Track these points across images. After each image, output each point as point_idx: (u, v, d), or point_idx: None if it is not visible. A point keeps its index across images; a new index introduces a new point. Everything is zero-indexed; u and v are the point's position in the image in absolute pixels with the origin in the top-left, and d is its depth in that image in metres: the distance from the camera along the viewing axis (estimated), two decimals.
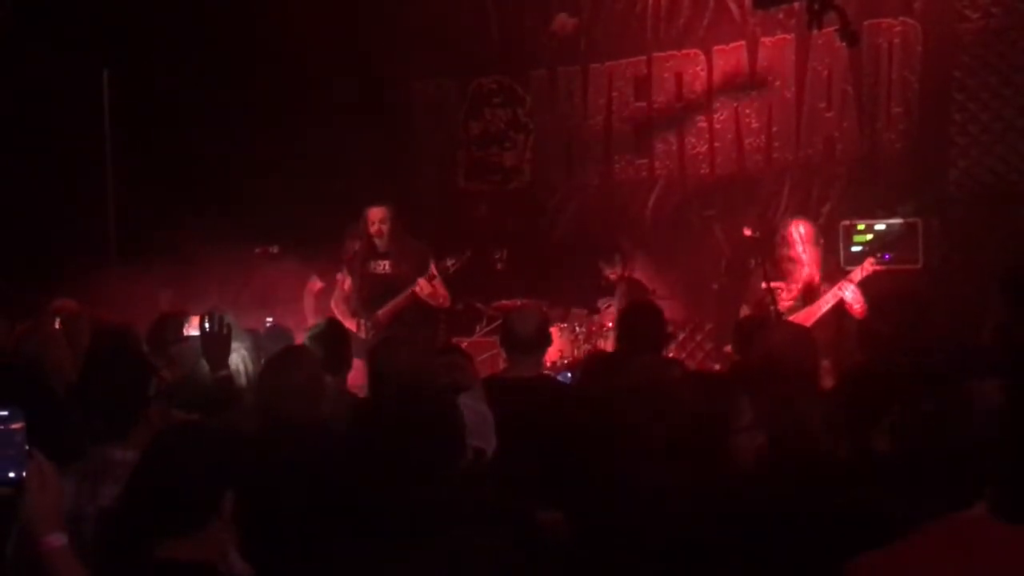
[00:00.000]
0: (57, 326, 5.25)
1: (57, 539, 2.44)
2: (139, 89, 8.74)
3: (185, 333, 5.08)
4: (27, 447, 2.50)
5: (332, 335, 4.88)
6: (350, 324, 7.35)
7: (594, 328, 7.88)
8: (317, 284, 8.09)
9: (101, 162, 8.62)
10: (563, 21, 9.25)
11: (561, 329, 7.71)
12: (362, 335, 7.21)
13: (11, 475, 2.48)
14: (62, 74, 8.52)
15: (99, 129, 8.66)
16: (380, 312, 7.31)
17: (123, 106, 8.69)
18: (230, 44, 8.90)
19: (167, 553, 2.43)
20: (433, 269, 7.21)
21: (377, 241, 7.42)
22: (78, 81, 8.60)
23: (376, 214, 7.41)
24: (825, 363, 6.13)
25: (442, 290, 7.33)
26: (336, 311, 7.52)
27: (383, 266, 7.46)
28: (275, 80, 9.12)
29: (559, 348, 7.55)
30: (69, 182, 8.55)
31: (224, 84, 9.02)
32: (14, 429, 2.49)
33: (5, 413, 2.49)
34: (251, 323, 6.97)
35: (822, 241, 6.68)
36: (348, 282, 7.56)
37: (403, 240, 7.48)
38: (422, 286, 7.21)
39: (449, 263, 7.28)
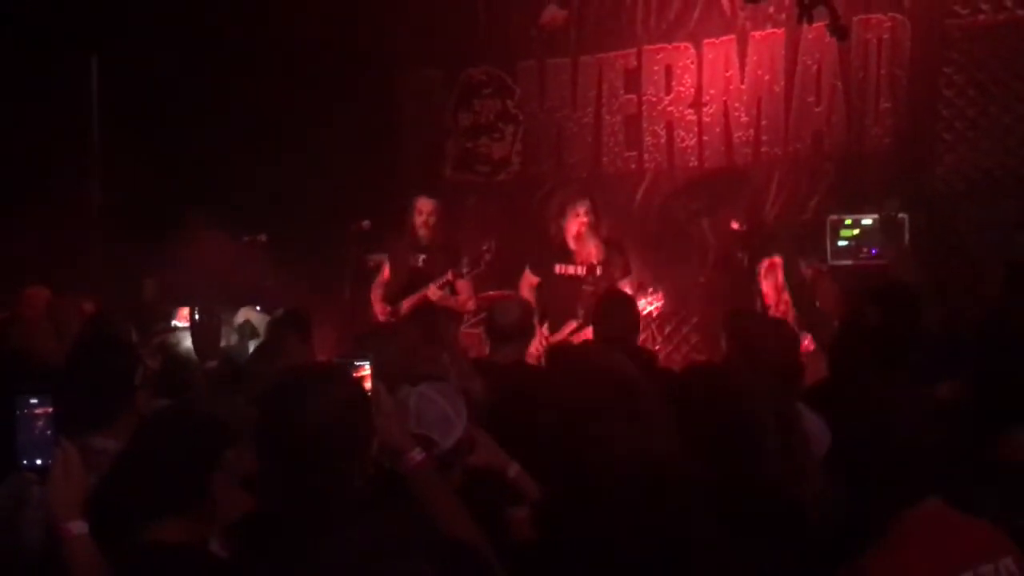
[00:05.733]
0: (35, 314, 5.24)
1: (78, 526, 2.46)
2: (127, 76, 8.71)
3: (173, 324, 5.08)
4: (53, 433, 2.54)
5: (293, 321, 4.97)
6: (380, 308, 7.44)
7: None
8: (533, 279, 7.51)
9: (88, 148, 8.60)
10: (553, 13, 9.22)
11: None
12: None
13: (38, 461, 2.54)
14: (50, 60, 8.48)
15: (87, 115, 8.64)
16: (404, 303, 7.41)
17: (111, 93, 8.66)
18: (217, 32, 8.86)
19: (155, 535, 2.48)
20: (450, 274, 7.23)
21: (422, 232, 7.44)
22: (66, 67, 8.57)
23: (425, 206, 7.47)
24: None
25: (464, 294, 7.45)
26: (373, 295, 7.62)
27: (419, 259, 7.50)
28: (262, 70, 9.08)
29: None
30: (55, 168, 8.52)
31: (211, 73, 8.98)
32: (41, 415, 2.54)
33: (34, 400, 2.53)
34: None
35: None
36: (388, 270, 7.65)
37: (443, 235, 7.53)
38: (432, 292, 7.24)
39: (465, 270, 7.30)
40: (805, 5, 6.88)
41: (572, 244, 7.12)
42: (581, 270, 7.06)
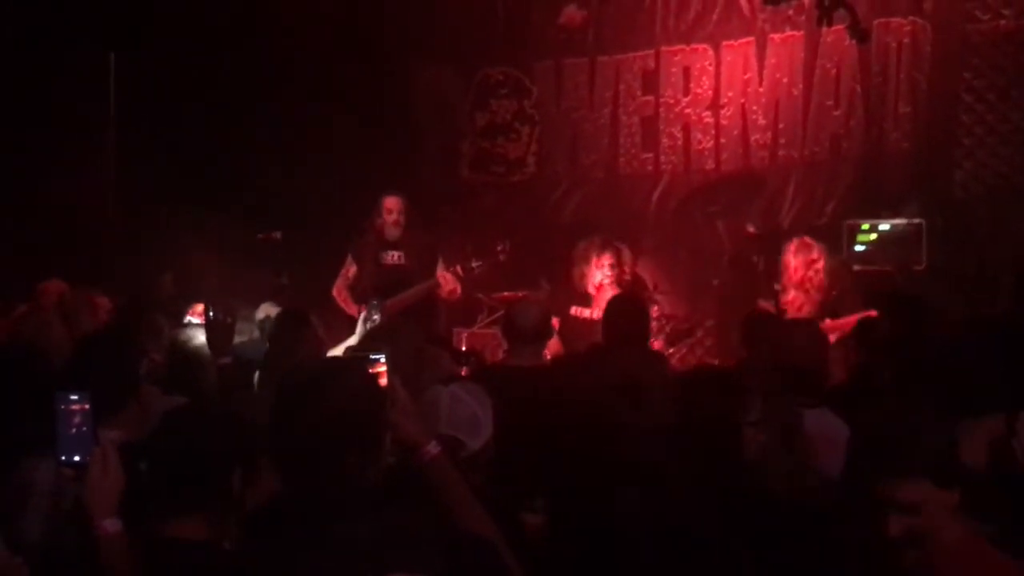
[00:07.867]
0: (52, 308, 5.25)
1: (113, 524, 2.47)
2: (144, 72, 8.73)
3: (186, 320, 5.06)
4: (91, 430, 2.54)
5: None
6: (352, 311, 7.34)
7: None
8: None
9: (105, 145, 8.63)
10: (571, 13, 9.21)
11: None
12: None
13: (76, 458, 2.54)
14: (68, 56, 8.51)
15: (104, 111, 8.67)
16: (390, 302, 7.22)
17: (128, 89, 8.69)
18: (235, 29, 8.88)
19: (174, 532, 2.47)
20: (459, 269, 7.16)
21: (389, 231, 7.36)
22: (84, 63, 8.60)
23: (393, 204, 7.34)
24: None
25: (459, 285, 7.36)
26: (338, 297, 7.50)
27: (395, 257, 7.39)
28: (280, 68, 9.10)
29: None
30: (73, 164, 8.54)
31: (228, 70, 9.00)
32: (80, 411, 2.54)
33: (73, 397, 2.54)
34: (252, 309, 7.02)
35: None
36: (353, 269, 7.51)
37: (415, 232, 7.43)
38: (447, 279, 7.15)
39: (475, 264, 7.24)
40: (825, 8, 6.84)
41: (592, 291, 7.07)
42: (597, 314, 7.03)
